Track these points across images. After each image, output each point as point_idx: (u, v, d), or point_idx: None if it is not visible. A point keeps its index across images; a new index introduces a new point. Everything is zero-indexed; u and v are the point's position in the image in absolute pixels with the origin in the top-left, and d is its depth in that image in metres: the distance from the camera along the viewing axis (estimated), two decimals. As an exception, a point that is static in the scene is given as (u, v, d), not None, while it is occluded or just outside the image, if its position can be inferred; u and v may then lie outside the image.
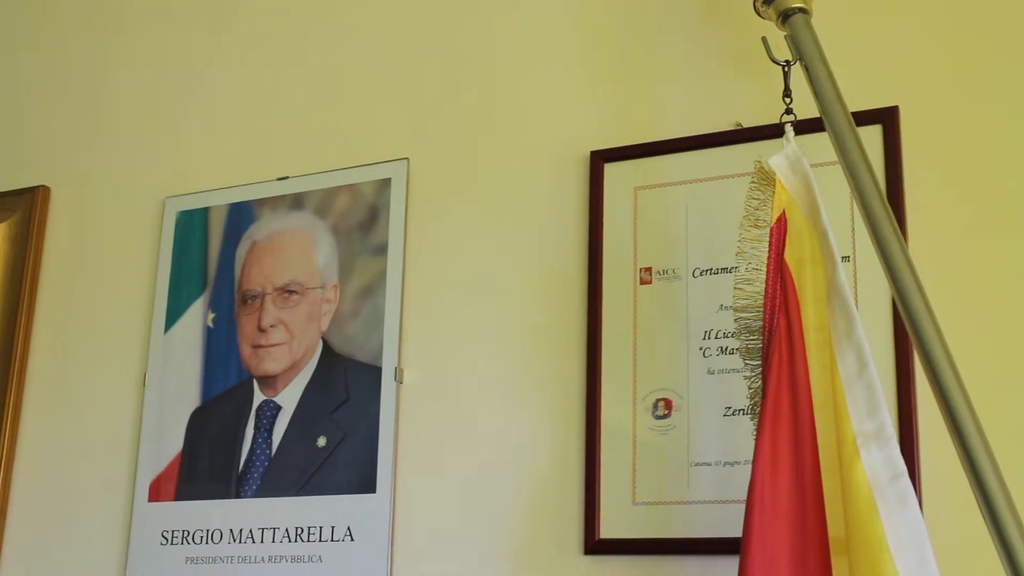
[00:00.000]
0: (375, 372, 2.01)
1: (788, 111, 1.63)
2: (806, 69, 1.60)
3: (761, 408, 1.48)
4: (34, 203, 2.44)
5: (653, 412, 1.81)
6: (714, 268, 1.83)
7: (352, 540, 1.95)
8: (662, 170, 1.91)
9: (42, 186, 2.46)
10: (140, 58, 2.48)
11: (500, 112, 2.08)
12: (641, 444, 1.81)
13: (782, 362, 1.48)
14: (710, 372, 1.80)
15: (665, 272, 1.87)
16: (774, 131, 1.78)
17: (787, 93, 1.64)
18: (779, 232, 1.55)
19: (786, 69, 1.65)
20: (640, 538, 1.77)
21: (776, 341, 1.49)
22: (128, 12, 2.53)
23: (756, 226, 1.58)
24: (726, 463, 1.75)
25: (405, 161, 2.10)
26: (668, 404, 1.81)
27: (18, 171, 2.51)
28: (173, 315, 2.23)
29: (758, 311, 1.54)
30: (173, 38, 2.45)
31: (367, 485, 1.96)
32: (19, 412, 2.33)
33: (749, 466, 1.67)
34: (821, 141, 1.67)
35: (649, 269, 1.88)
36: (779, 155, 1.58)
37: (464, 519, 1.90)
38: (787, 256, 1.53)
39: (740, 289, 1.57)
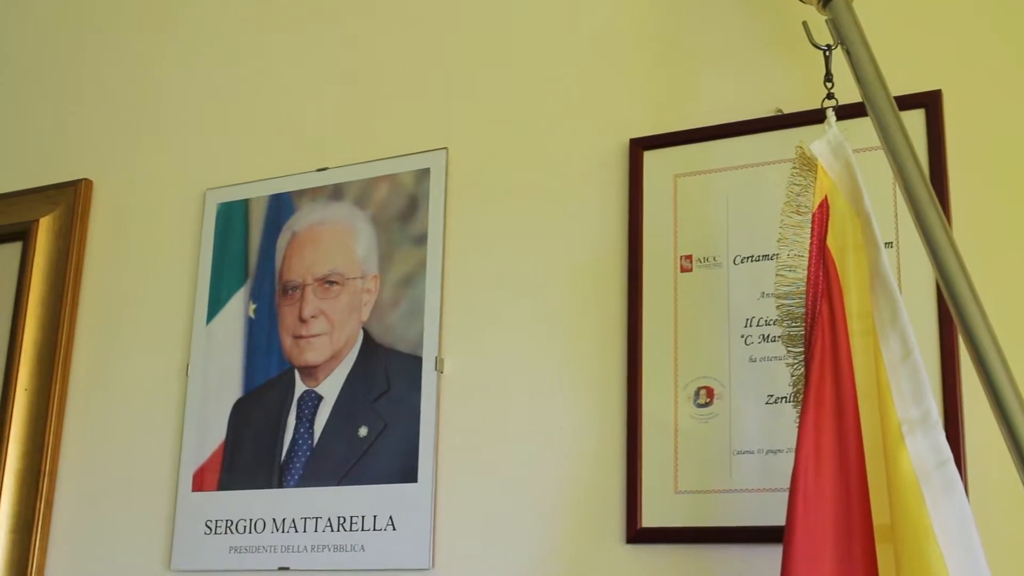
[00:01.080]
0: (416, 362, 2.01)
1: (830, 96, 1.61)
2: (848, 53, 1.58)
3: (804, 395, 1.47)
4: (77, 196, 2.46)
5: (694, 400, 1.81)
6: (755, 255, 1.82)
7: (394, 529, 1.96)
8: (702, 157, 1.90)
9: (85, 179, 2.48)
10: (181, 52, 2.49)
11: (539, 101, 2.07)
12: (683, 432, 1.80)
13: (825, 349, 1.47)
14: (752, 360, 1.79)
15: (706, 260, 1.86)
16: (814, 117, 1.77)
17: (828, 78, 1.62)
18: (821, 218, 1.53)
19: (827, 53, 1.63)
20: (682, 527, 1.77)
21: (819, 328, 1.48)
22: (170, 7, 2.54)
23: (798, 212, 1.56)
24: (768, 451, 1.74)
25: (444, 151, 2.10)
26: (710, 392, 1.80)
27: (61, 164, 2.53)
28: (215, 306, 2.24)
29: (800, 298, 1.52)
30: (213, 31, 2.46)
31: (409, 475, 1.96)
32: (64, 403, 2.36)
33: (792, 454, 1.66)
34: (863, 126, 1.66)
35: (690, 257, 1.87)
36: (821, 140, 1.57)
37: (505, 508, 1.90)
38: (829, 242, 1.52)
39: (782, 276, 1.55)
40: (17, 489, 2.30)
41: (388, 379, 2.03)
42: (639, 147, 1.94)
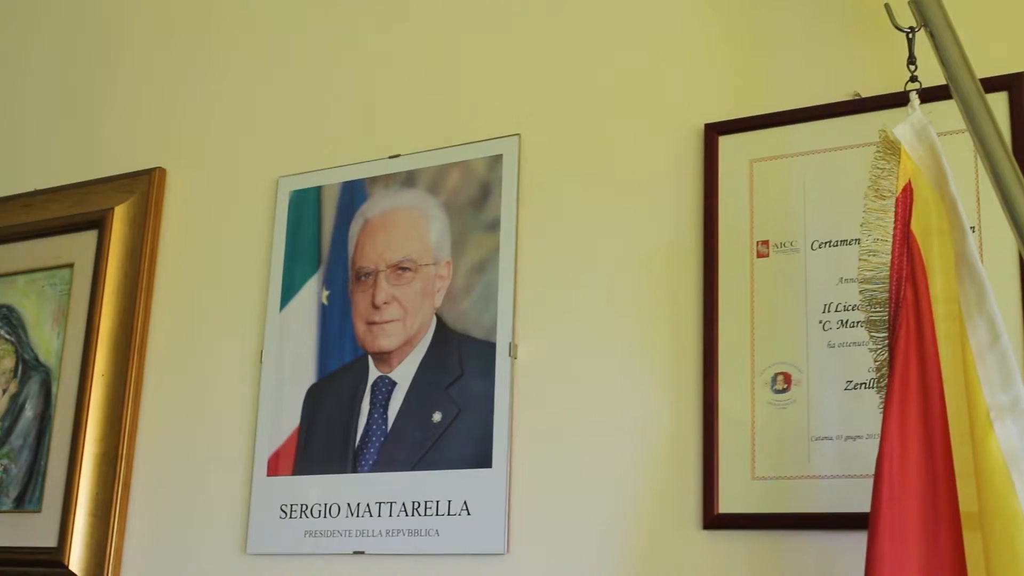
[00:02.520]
0: (489, 348, 2.02)
1: (913, 78, 1.60)
2: (932, 35, 1.56)
3: (888, 381, 1.45)
4: (151, 184, 2.49)
5: (772, 386, 1.80)
6: (833, 240, 1.81)
7: (469, 514, 1.96)
8: (778, 142, 1.88)
9: (159, 168, 2.51)
10: (253, 40, 2.51)
11: (612, 86, 2.07)
12: (760, 418, 1.79)
13: (910, 334, 1.46)
14: (830, 346, 1.77)
15: (783, 245, 1.84)
16: (893, 100, 1.76)
17: (912, 60, 1.61)
18: (905, 202, 1.52)
19: (911, 36, 1.61)
20: (759, 513, 1.76)
21: (903, 313, 1.47)
22: (239, -5, 2.57)
23: (881, 196, 1.55)
24: (848, 437, 1.73)
25: (516, 137, 2.10)
26: (787, 378, 1.79)
27: (135, 153, 2.56)
28: (288, 293, 2.26)
29: (884, 283, 1.51)
30: (285, 20, 2.48)
31: (483, 460, 1.97)
32: (140, 388, 2.39)
33: (872, 441, 1.67)
34: (944, 109, 1.64)
35: (766, 242, 1.86)
36: (904, 124, 1.55)
37: (580, 494, 1.90)
38: (913, 226, 1.50)
39: (865, 260, 1.54)
40: (95, 473, 2.33)
41: (462, 365, 2.04)
42: (714, 132, 1.93)
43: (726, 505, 1.78)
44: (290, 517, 2.13)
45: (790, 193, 1.86)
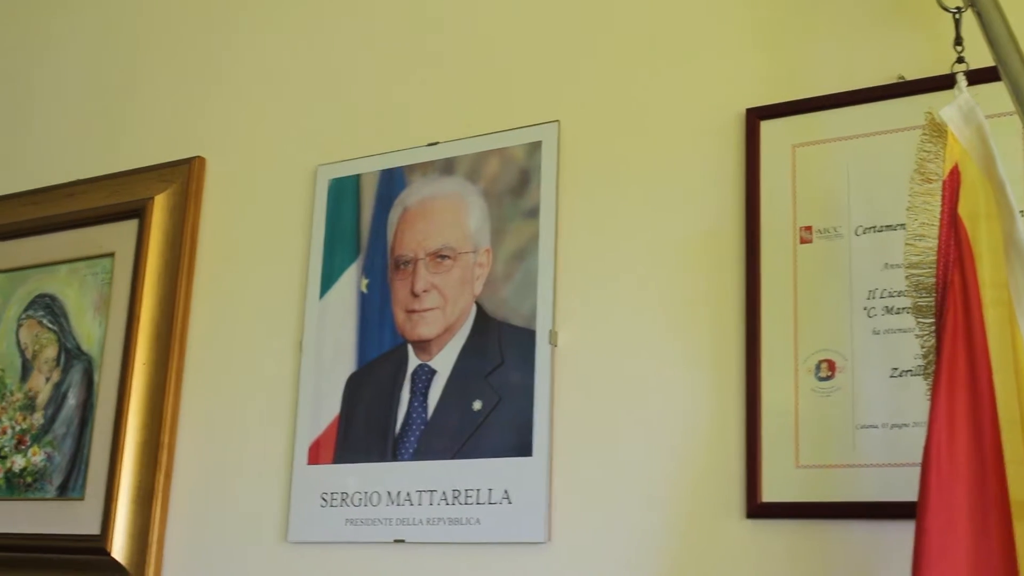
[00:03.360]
0: (529, 335, 2.01)
1: (960, 60, 1.57)
2: (979, 15, 1.53)
3: (936, 368, 1.43)
4: (191, 174, 2.50)
5: (816, 374, 1.78)
6: (878, 225, 1.78)
7: (510, 503, 1.96)
8: (821, 126, 1.86)
9: (198, 157, 2.51)
10: (290, 29, 2.51)
11: (652, 71, 2.05)
12: (803, 406, 1.77)
13: (957, 320, 1.44)
14: (875, 332, 1.75)
15: (826, 231, 1.82)
16: (938, 83, 1.73)
17: (958, 41, 1.58)
18: (952, 186, 1.49)
19: (957, 16, 1.59)
20: (804, 501, 1.74)
21: (951, 298, 1.44)
22: (277, -17, 2.56)
23: (927, 180, 1.52)
24: (894, 425, 1.70)
25: (556, 124, 2.09)
26: (831, 365, 1.77)
27: (175, 143, 2.57)
28: (327, 281, 2.26)
29: (931, 268, 1.49)
30: (324, 8, 2.47)
31: (523, 448, 1.96)
32: (181, 376, 2.40)
33: (918, 428, 1.64)
34: (992, 91, 1.61)
35: (809, 228, 1.83)
36: (951, 106, 1.52)
37: (622, 482, 1.89)
38: (961, 210, 1.48)
39: (911, 245, 1.51)
40: (137, 461, 2.35)
41: (502, 353, 2.03)
42: (755, 117, 1.91)
43: (769, 494, 1.77)
44: (331, 505, 2.13)
45: (833, 178, 1.83)
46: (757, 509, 1.77)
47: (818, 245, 1.82)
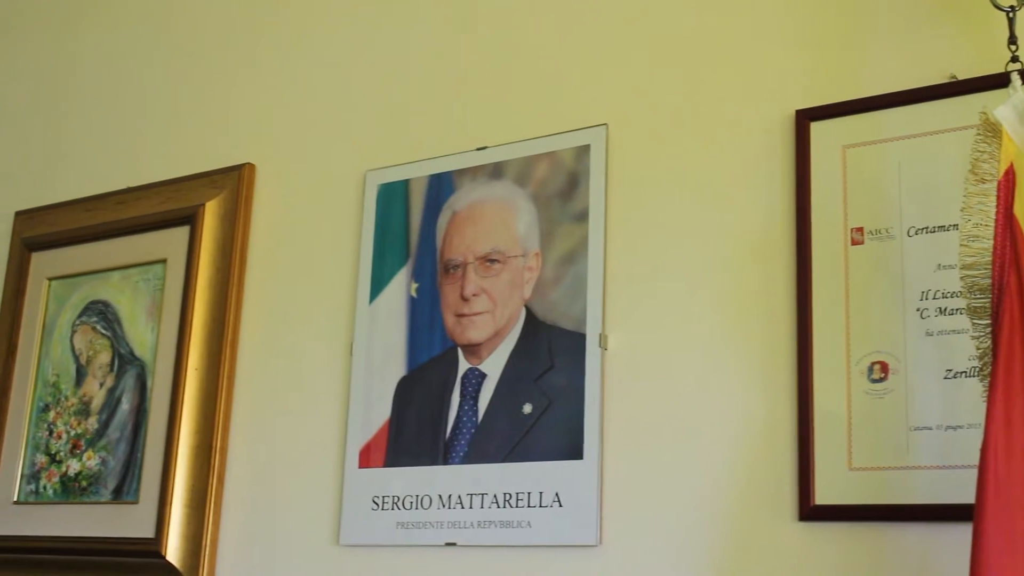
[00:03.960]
0: (579, 339, 2.01)
1: (1014, 59, 1.56)
2: (1033, 13, 1.52)
3: (992, 369, 1.42)
4: (241, 180, 2.52)
5: (868, 376, 1.77)
6: (930, 226, 1.77)
7: (560, 506, 1.96)
8: (872, 127, 1.85)
9: (248, 163, 2.53)
10: (338, 36, 2.53)
11: (700, 73, 2.05)
12: (856, 408, 1.76)
13: (1014, 321, 1.42)
14: (928, 334, 1.74)
15: (878, 232, 1.81)
16: (991, 82, 1.72)
17: (1012, 40, 1.57)
18: (1007, 186, 1.48)
19: (1011, 15, 1.58)
20: (857, 504, 1.73)
21: (1007, 299, 1.43)
22: (325, -10, 2.58)
23: (982, 180, 1.51)
24: (948, 427, 1.69)
25: (604, 127, 2.09)
26: (884, 367, 1.76)
27: (225, 150, 2.60)
28: (377, 286, 2.27)
29: (986, 269, 1.48)
30: (372, 15, 2.49)
31: (574, 452, 1.97)
32: (233, 381, 2.42)
33: (973, 431, 1.63)
34: (1046, 90, 1.60)
35: (861, 229, 1.82)
36: (1006, 105, 1.51)
37: (674, 485, 1.89)
38: (1017, 211, 1.47)
39: (966, 246, 1.50)
40: (191, 465, 2.37)
41: (552, 356, 2.04)
42: (805, 118, 1.91)
43: (823, 496, 1.76)
44: (382, 509, 2.14)
45: (885, 179, 1.82)
46: (810, 512, 1.76)
47: (870, 247, 1.81)
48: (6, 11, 3.20)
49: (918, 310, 1.75)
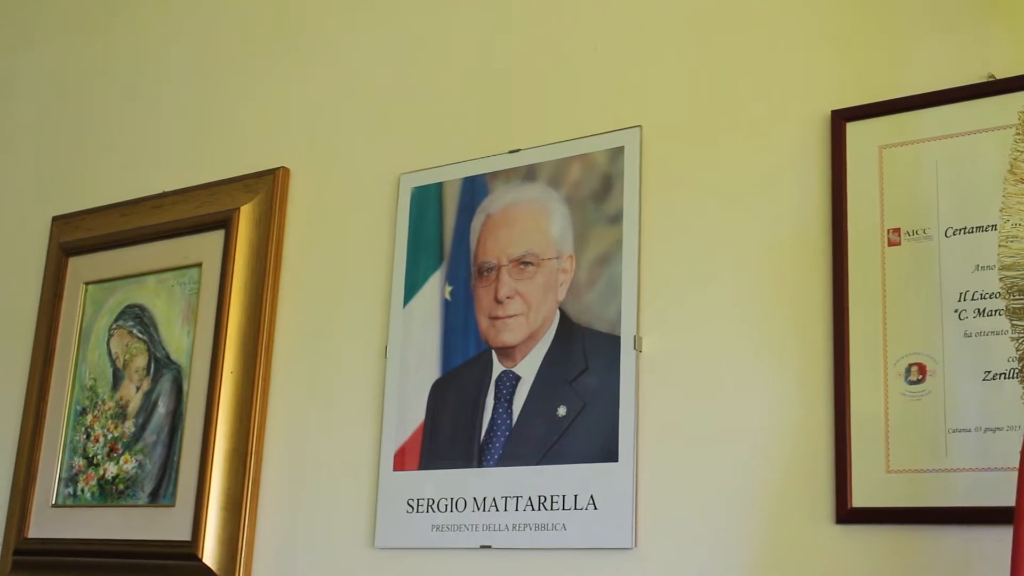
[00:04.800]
0: (614, 341, 2.01)
1: (1053, 57, 1.55)
2: (1073, 12, 1.51)
3: (1032, 370, 1.41)
4: (275, 184, 2.53)
5: (906, 377, 1.75)
6: (968, 227, 1.76)
7: (596, 508, 1.96)
8: (909, 127, 1.84)
9: (282, 167, 2.54)
10: (372, 39, 2.53)
11: (734, 73, 2.04)
12: (893, 410, 1.75)
13: (1054, 322, 1.41)
14: (967, 335, 1.72)
15: (915, 233, 1.80)
16: (1030, 82, 1.71)
17: (1051, 39, 1.56)
18: (1047, 186, 1.47)
19: (1050, 13, 1.56)
20: (895, 507, 1.72)
21: (1047, 300, 1.42)
22: (358, -5, 2.59)
23: (1021, 180, 1.49)
24: (987, 429, 1.68)
25: (638, 129, 2.09)
26: (922, 369, 1.74)
27: (260, 154, 2.61)
28: (411, 289, 2.28)
29: (1025, 269, 1.46)
30: (405, 18, 2.50)
31: (609, 454, 1.96)
32: (268, 385, 2.43)
33: (1012, 432, 1.63)
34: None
35: (897, 230, 1.81)
36: (1045, 104, 1.50)
37: (709, 487, 1.88)
38: (1056, 211, 1.46)
39: (1005, 247, 1.49)
40: (226, 468, 2.38)
41: (586, 359, 2.03)
42: (841, 118, 1.90)
43: (860, 499, 1.75)
44: (416, 511, 2.15)
45: (922, 179, 1.81)
46: (847, 515, 1.75)
47: (907, 247, 1.80)
48: (42, 16, 3.23)
49: (956, 311, 1.74)
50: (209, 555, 2.34)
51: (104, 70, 3.03)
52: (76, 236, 2.84)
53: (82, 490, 2.62)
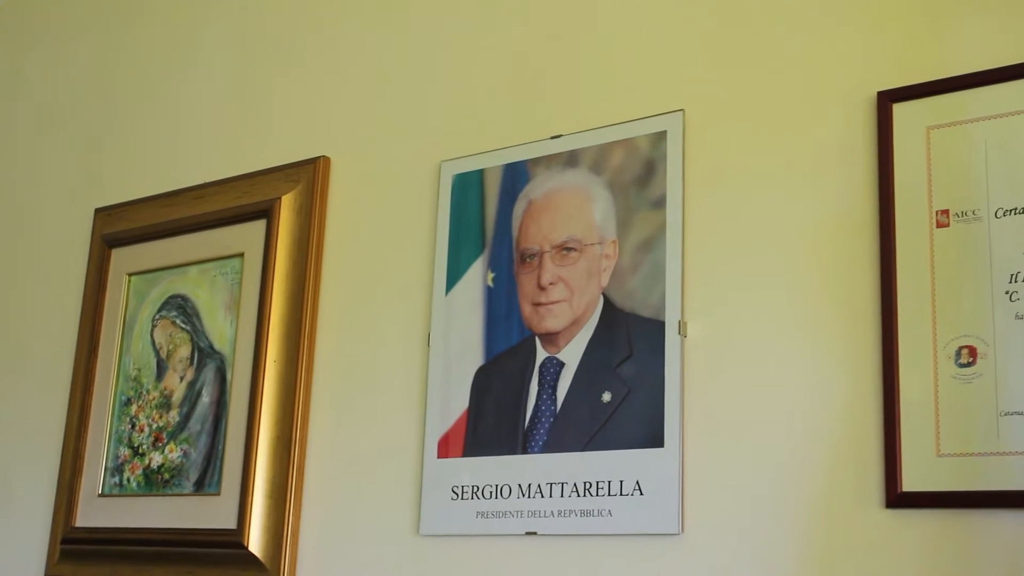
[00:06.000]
0: (658, 326, 2.00)
1: (1106, 33, 1.52)
2: None
3: (1088, 351, 1.39)
4: (316, 173, 2.53)
5: (956, 360, 1.73)
6: (1019, 208, 1.74)
7: (641, 494, 1.95)
8: (957, 107, 1.82)
9: (323, 156, 2.55)
10: (412, 26, 2.53)
11: (778, 55, 2.02)
12: (944, 393, 1.73)
13: (1110, 301, 1.39)
14: (1018, 317, 1.70)
15: (964, 214, 1.78)
16: (1081, 59, 1.68)
17: (1104, 14, 1.53)
18: (1101, 163, 1.44)
19: (1103, -12, 1.54)
20: (946, 491, 1.70)
21: (1103, 279, 1.40)
22: (396, -17, 2.59)
23: (1074, 158, 1.48)
24: (1040, 412, 1.66)
25: (680, 113, 2.07)
26: (972, 352, 1.72)
27: (300, 143, 2.61)
28: (453, 276, 2.28)
29: (1080, 248, 1.44)
30: (443, 3, 2.49)
31: (654, 439, 1.95)
32: (311, 373, 2.43)
33: (1067, 415, 1.60)
34: None
35: (946, 211, 1.79)
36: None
37: (755, 472, 1.87)
38: (1111, 188, 1.43)
39: (1059, 226, 1.47)
40: (271, 457, 2.39)
41: (630, 344, 2.02)
42: (887, 100, 1.87)
43: (910, 483, 1.73)
44: (461, 498, 2.15)
45: (971, 160, 1.79)
46: (897, 499, 1.73)
47: (956, 229, 1.78)
48: (83, 11, 3.24)
49: (1007, 293, 1.72)
50: (254, 543, 2.35)
51: (145, 62, 3.04)
52: (119, 228, 2.86)
53: (128, 479, 2.64)
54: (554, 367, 2.10)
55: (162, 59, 3.00)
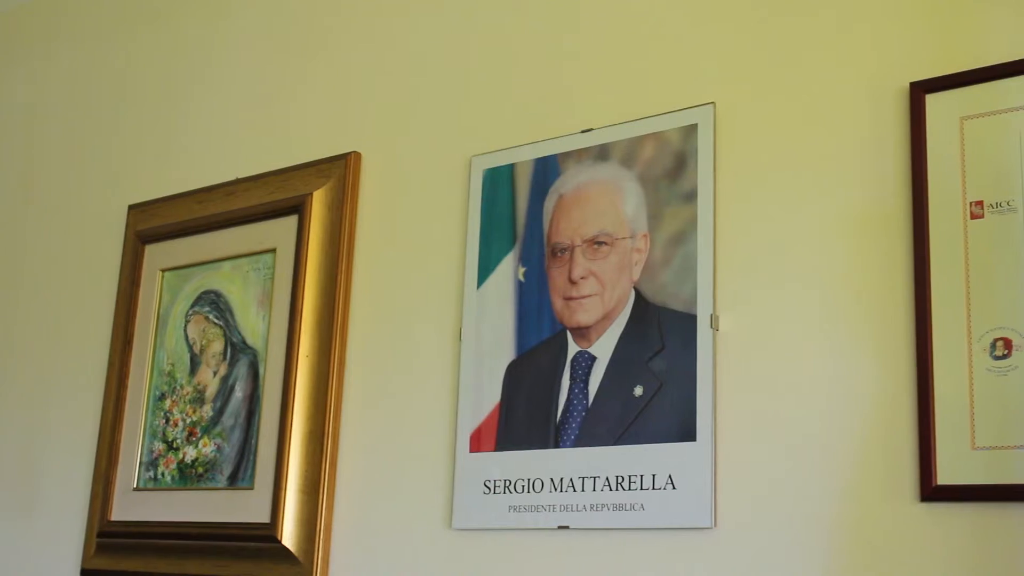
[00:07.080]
0: (690, 320, 1.99)
1: None
2: None
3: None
4: (347, 168, 2.54)
5: (991, 352, 1.72)
6: (1054, 198, 1.72)
7: (674, 488, 1.95)
8: (991, 97, 1.80)
9: (354, 152, 2.55)
10: (442, 21, 2.53)
11: (809, 46, 2.01)
12: (979, 386, 1.72)
13: None
14: (1054, 309, 1.69)
15: (999, 205, 1.76)
16: (1116, 48, 1.66)
17: None
18: None
19: None
20: (982, 484, 1.69)
21: None
22: (426, -22, 2.59)
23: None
24: (1076, 404, 1.64)
25: (711, 106, 2.07)
26: (1008, 344, 1.71)
27: (331, 139, 2.62)
28: (484, 271, 2.28)
29: (1117, 239, 1.43)
30: (472, 0, 2.50)
31: (687, 433, 1.95)
32: (343, 368, 2.44)
33: (1104, 407, 1.58)
34: None
35: (980, 203, 1.78)
36: None
37: (789, 466, 1.86)
38: None
39: (1095, 216, 1.46)
40: (304, 451, 2.40)
41: (662, 338, 2.02)
42: (920, 90, 1.86)
43: (945, 476, 1.72)
44: (494, 493, 2.15)
45: (1005, 151, 1.77)
46: (932, 492, 1.72)
47: (990, 220, 1.77)
48: (116, 8, 3.27)
49: (1043, 284, 1.70)
50: (288, 537, 2.37)
51: (177, 59, 3.06)
52: (152, 224, 2.88)
53: (162, 474, 2.66)
54: (586, 361, 2.10)
55: (194, 56, 3.02)
